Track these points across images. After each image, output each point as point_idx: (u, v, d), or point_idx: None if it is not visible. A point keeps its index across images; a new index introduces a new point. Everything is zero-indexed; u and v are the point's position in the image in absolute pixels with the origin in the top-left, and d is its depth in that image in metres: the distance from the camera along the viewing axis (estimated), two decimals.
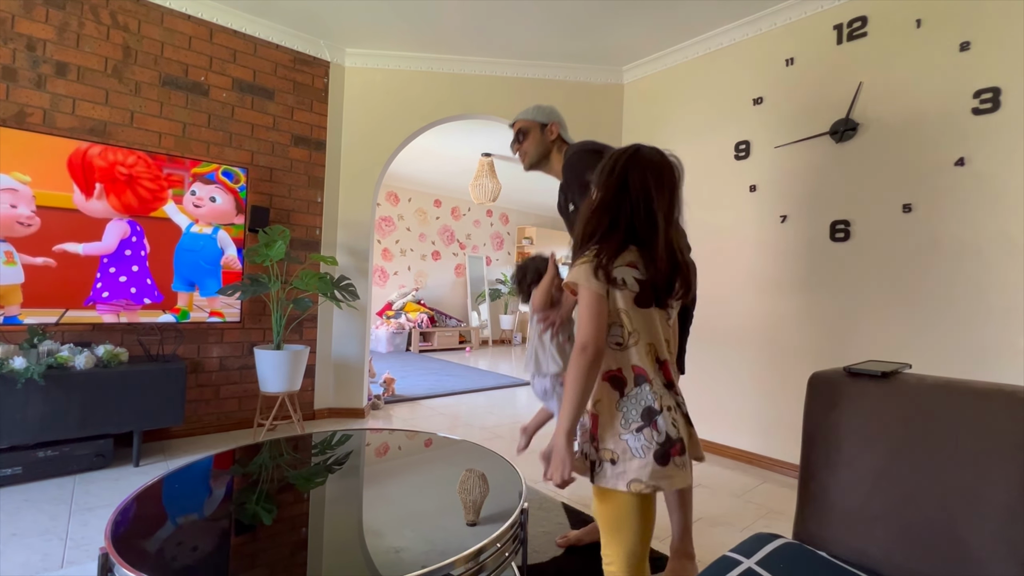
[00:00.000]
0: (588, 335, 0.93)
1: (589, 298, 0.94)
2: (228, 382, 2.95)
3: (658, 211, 0.95)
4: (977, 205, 2.06)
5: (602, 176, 1.00)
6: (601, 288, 0.94)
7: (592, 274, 0.94)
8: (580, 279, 0.95)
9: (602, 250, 0.96)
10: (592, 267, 0.94)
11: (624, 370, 0.96)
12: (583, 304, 0.95)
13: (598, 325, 0.93)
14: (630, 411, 0.94)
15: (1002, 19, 2.02)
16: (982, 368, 2.01)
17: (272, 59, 3.09)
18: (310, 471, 1.72)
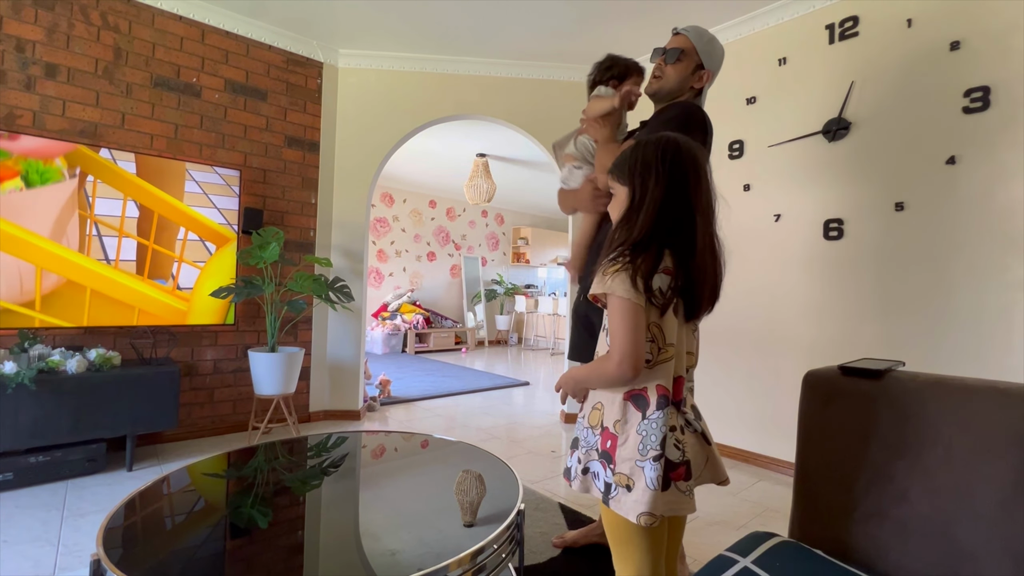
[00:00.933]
0: (626, 349, 0.84)
1: (627, 309, 0.85)
2: (222, 385, 2.93)
3: (697, 211, 0.88)
4: (968, 204, 2.08)
5: (637, 172, 0.91)
6: (641, 299, 0.85)
7: (631, 284, 0.85)
8: (617, 289, 0.85)
9: (639, 255, 0.87)
10: (630, 275, 0.85)
11: (648, 390, 0.88)
12: (619, 316, 0.85)
13: (638, 340, 0.84)
14: (650, 436, 0.86)
15: (992, 18, 2.03)
16: (976, 366, 2.02)
17: (265, 60, 3.08)
18: (305, 474, 1.71)
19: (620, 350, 0.85)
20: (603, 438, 0.91)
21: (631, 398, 0.89)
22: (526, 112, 3.47)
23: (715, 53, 1.51)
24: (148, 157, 2.56)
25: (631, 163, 0.93)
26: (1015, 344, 1.94)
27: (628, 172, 0.93)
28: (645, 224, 0.88)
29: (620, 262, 0.87)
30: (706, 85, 1.53)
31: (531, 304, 7.98)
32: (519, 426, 3.40)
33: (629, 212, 0.91)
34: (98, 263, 2.41)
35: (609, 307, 0.88)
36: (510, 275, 8.76)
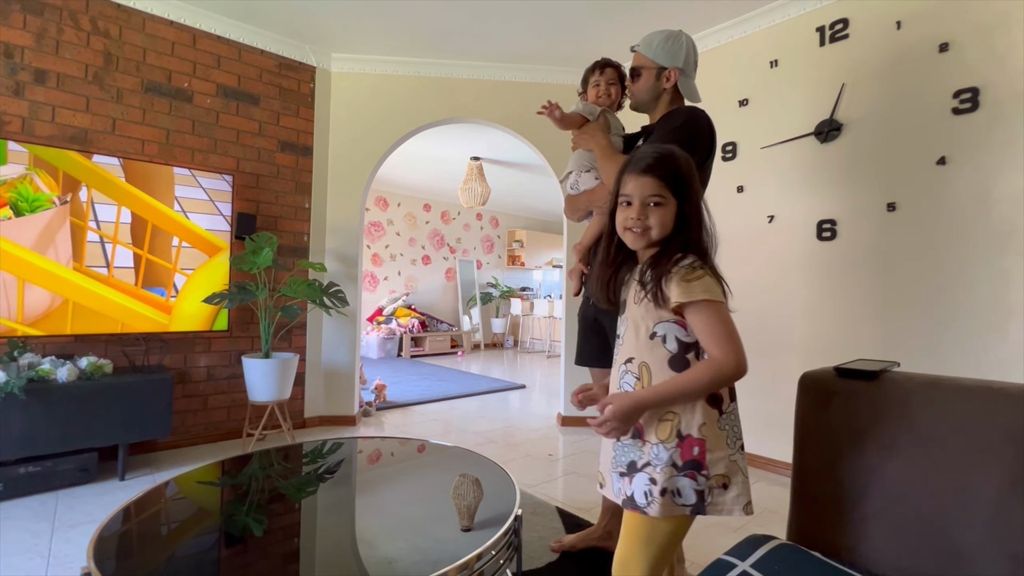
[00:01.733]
0: (739, 348, 0.87)
1: (724, 311, 0.89)
2: (216, 392, 2.91)
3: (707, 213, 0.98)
4: (959, 203, 2.09)
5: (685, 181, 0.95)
6: (725, 296, 0.90)
7: (720, 286, 0.89)
8: (710, 293, 0.87)
9: (704, 254, 0.93)
10: (715, 278, 0.89)
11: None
12: (719, 319, 0.87)
13: (738, 336, 0.88)
14: (733, 427, 0.91)
15: (980, 20, 2.06)
16: (970, 365, 2.03)
17: (257, 64, 3.07)
18: (301, 481, 1.70)
19: (735, 351, 0.87)
20: (685, 447, 0.88)
21: (710, 399, 0.90)
22: (520, 115, 3.47)
23: (672, 49, 1.52)
24: (137, 164, 2.54)
25: (675, 171, 0.95)
26: (1008, 343, 1.96)
27: (675, 181, 0.95)
28: (698, 229, 0.94)
29: (702, 268, 0.89)
30: (680, 79, 1.54)
31: (527, 307, 7.98)
32: (516, 430, 3.39)
33: (683, 219, 0.95)
34: (77, 274, 2.38)
35: (700, 313, 0.88)
36: (505, 278, 8.75)
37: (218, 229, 2.77)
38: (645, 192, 0.93)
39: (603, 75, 1.68)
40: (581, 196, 1.66)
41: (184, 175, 2.67)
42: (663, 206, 0.93)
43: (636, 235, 0.95)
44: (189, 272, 2.66)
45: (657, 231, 0.94)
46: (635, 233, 0.95)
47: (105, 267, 2.44)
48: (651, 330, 0.94)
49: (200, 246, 2.70)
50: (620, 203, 0.98)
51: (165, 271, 2.59)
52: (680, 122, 1.44)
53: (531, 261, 8.89)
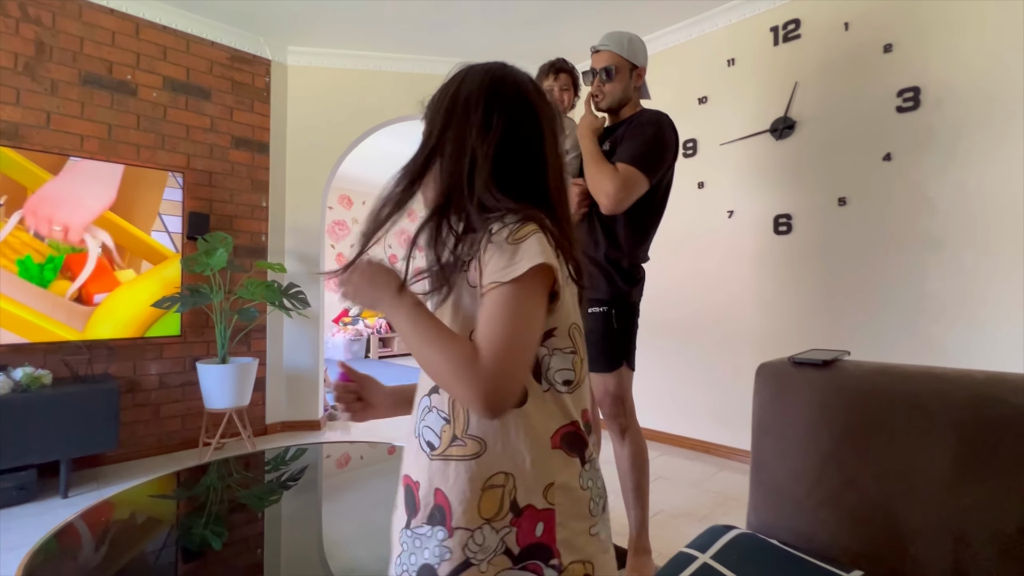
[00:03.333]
0: (513, 363, 0.52)
1: (537, 298, 0.55)
2: (169, 400, 2.77)
3: (548, 159, 0.64)
4: (903, 198, 2.19)
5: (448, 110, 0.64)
6: (564, 282, 0.58)
7: (550, 252, 0.55)
8: (537, 255, 0.53)
9: (537, 215, 0.58)
10: (545, 237, 0.56)
11: (580, 422, 0.61)
12: (517, 297, 0.53)
13: (528, 353, 0.54)
14: (596, 481, 0.61)
15: (920, 22, 2.15)
16: (915, 351, 2.14)
17: (207, 57, 2.93)
18: (262, 489, 1.63)
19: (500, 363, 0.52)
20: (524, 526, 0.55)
21: (565, 440, 0.59)
22: None
23: (638, 49, 1.57)
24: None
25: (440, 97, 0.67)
26: (948, 330, 2.06)
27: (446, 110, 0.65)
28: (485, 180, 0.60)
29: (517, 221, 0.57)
30: (644, 80, 1.62)
31: None
32: None
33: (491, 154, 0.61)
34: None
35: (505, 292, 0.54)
36: None
37: (163, 231, 2.63)
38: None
39: (557, 80, 1.68)
40: None
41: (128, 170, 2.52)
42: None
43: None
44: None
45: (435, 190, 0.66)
46: None
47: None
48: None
49: (140, 251, 2.56)
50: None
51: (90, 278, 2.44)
52: (654, 128, 1.48)
53: None
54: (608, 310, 1.52)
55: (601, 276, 1.53)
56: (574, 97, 1.72)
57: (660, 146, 1.48)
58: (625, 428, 1.56)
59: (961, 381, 0.84)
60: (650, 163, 1.46)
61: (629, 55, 1.55)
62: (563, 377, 0.60)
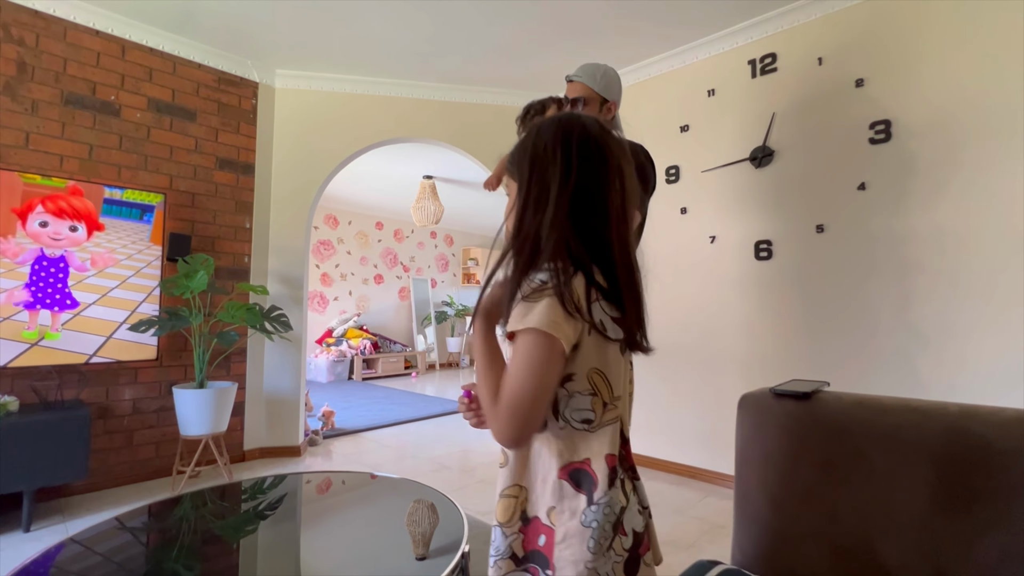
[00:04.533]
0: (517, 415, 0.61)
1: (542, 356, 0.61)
2: (143, 426, 2.68)
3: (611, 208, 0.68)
4: (878, 226, 2.26)
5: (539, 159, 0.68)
6: (569, 339, 0.62)
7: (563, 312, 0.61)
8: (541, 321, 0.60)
9: (561, 273, 0.63)
10: (559, 299, 0.61)
11: (594, 462, 0.66)
12: (526, 362, 0.61)
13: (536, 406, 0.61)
14: (604, 525, 0.64)
15: (889, 59, 2.25)
16: (891, 379, 2.17)
17: (193, 79, 2.93)
18: (238, 520, 1.57)
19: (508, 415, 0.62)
20: (530, 534, 0.67)
21: (570, 475, 0.66)
22: (470, 136, 3.48)
23: (612, 84, 1.62)
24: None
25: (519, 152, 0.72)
26: (923, 356, 2.10)
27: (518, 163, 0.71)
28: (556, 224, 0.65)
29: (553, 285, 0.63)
30: (616, 113, 1.65)
31: None
32: (472, 453, 3.32)
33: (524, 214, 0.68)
34: None
35: (517, 342, 0.63)
36: (461, 296, 8.68)
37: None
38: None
39: (562, 106, 1.71)
40: None
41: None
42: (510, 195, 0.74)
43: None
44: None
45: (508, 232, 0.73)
46: None
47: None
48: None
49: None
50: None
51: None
52: (636, 160, 1.50)
53: None
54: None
55: None
56: None
57: (643, 181, 1.52)
58: None
59: (936, 414, 0.85)
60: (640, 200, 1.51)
61: (600, 88, 1.60)
62: (581, 416, 0.67)
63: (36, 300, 2.30)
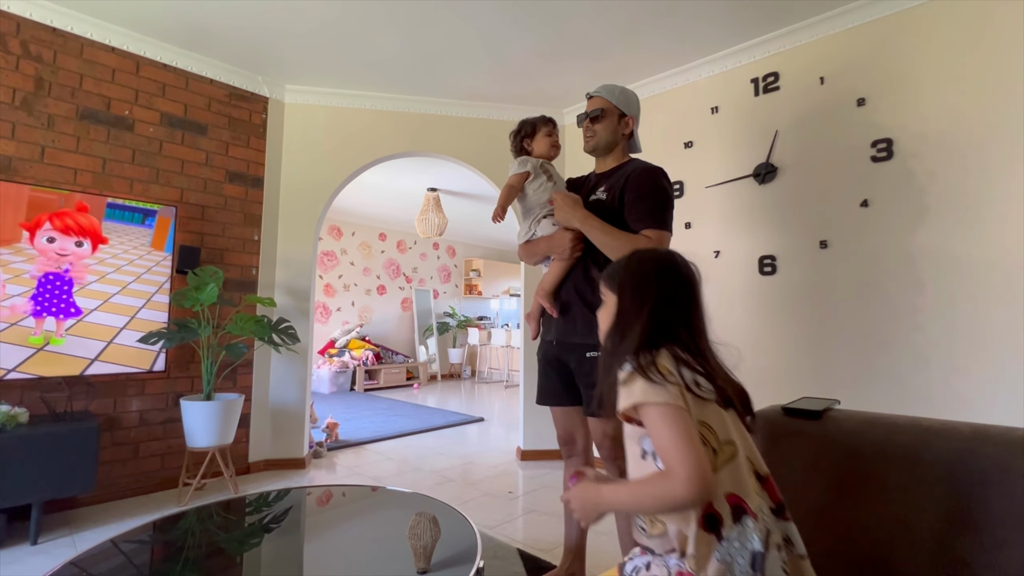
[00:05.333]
0: (690, 461, 0.69)
1: (669, 416, 0.73)
2: (150, 438, 2.68)
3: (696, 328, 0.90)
4: (880, 243, 2.28)
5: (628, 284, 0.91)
6: (676, 397, 0.75)
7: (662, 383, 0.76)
8: (649, 396, 0.75)
9: (652, 353, 0.81)
10: (654, 374, 0.77)
11: (716, 503, 0.73)
12: (665, 427, 0.73)
13: (697, 448, 0.71)
14: (736, 558, 0.71)
15: (889, 79, 2.30)
16: (898, 396, 2.18)
17: (205, 94, 2.98)
18: (242, 533, 1.58)
19: (682, 465, 0.69)
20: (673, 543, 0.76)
21: (703, 519, 0.72)
22: (476, 150, 3.53)
23: (631, 100, 1.68)
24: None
25: (623, 274, 0.93)
26: (926, 373, 2.12)
27: (619, 283, 0.93)
28: (641, 328, 0.84)
29: (636, 368, 0.78)
30: (635, 128, 1.70)
31: (484, 336, 7.94)
32: (474, 466, 3.32)
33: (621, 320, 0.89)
34: None
35: (647, 422, 0.76)
36: (463, 307, 8.71)
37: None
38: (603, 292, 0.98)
39: (556, 130, 1.79)
40: (540, 242, 1.69)
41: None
42: (605, 304, 0.96)
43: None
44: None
45: (603, 332, 0.94)
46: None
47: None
48: (640, 447, 0.85)
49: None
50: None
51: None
52: (663, 187, 1.56)
53: (488, 290, 8.90)
54: None
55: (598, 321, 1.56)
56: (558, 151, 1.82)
57: (671, 203, 1.57)
58: (624, 471, 1.55)
59: (948, 434, 0.87)
60: (670, 221, 1.55)
61: (619, 102, 1.66)
62: None
63: (43, 309, 2.32)
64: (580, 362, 1.56)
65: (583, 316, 1.57)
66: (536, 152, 1.76)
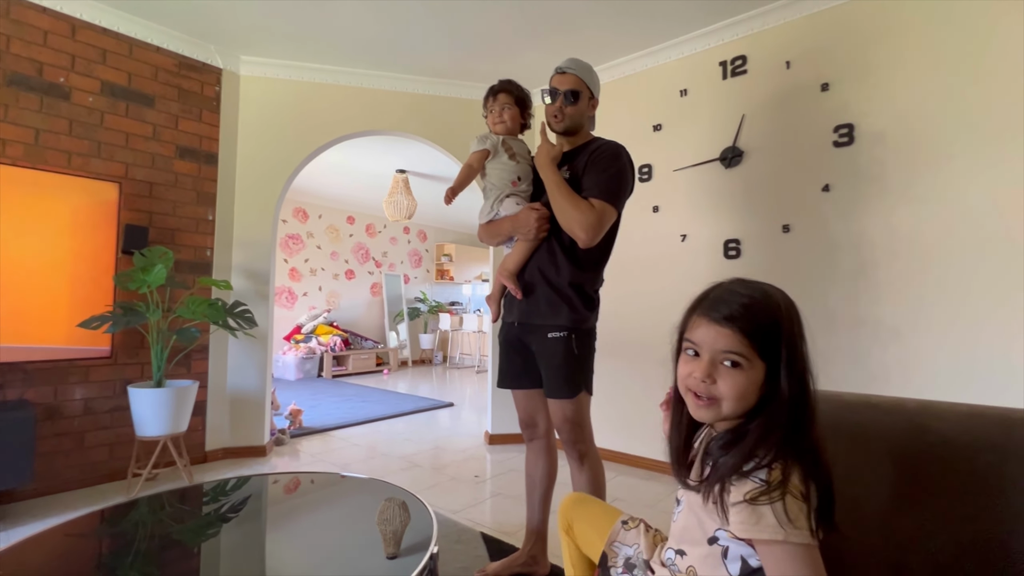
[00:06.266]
0: None
1: (807, 560, 0.60)
2: (96, 428, 2.55)
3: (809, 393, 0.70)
4: (842, 228, 2.32)
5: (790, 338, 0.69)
6: (812, 533, 0.61)
7: (808, 514, 0.61)
8: (793, 531, 0.60)
9: (801, 455, 0.65)
10: (804, 501, 0.62)
11: None
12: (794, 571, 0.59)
13: None
14: None
15: (853, 64, 2.32)
16: (857, 377, 2.24)
17: (152, 62, 2.78)
18: (199, 523, 1.51)
19: None
20: None
21: None
22: (444, 130, 3.43)
23: (597, 80, 1.64)
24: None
25: (770, 324, 0.69)
26: (884, 354, 2.18)
27: (768, 337, 0.69)
28: (794, 411, 0.66)
29: (781, 487, 0.61)
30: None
31: (456, 322, 7.88)
32: (443, 451, 3.29)
33: (774, 390, 0.68)
34: None
35: (774, 557, 0.61)
36: (434, 292, 8.60)
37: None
38: (718, 346, 0.70)
39: (496, 101, 1.68)
40: (503, 222, 1.64)
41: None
42: (742, 370, 0.68)
43: (700, 405, 0.71)
44: None
45: (729, 405, 0.69)
46: (699, 402, 0.72)
47: None
48: (710, 534, 0.70)
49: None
50: (684, 348, 0.77)
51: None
52: (619, 163, 1.52)
53: (460, 275, 8.81)
54: (568, 335, 1.51)
55: (562, 302, 1.53)
56: (522, 117, 1.72)
57: (625, 180, 1.54)
58: (584, 454, 1.54)
59: (895, 410, 0.87)
60: (620, 197, 1.52)
61: (591, 84, 1.61)
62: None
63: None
64: (542, 343, 1.54)
65: (546, 296, 1.54)
66: (490, 128, 1.70)
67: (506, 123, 1.67)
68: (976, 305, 1.99)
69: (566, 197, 1.48)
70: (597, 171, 1.51)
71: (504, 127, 1.67)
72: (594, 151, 1.56)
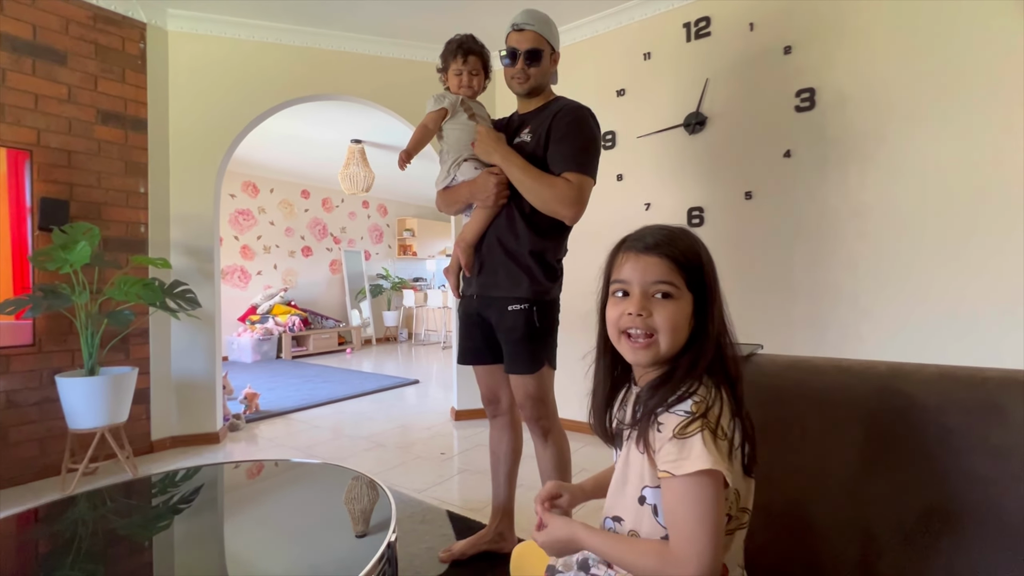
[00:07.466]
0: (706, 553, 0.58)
1: (708, 490, 0.59)
2: (21, 422, 2.34)
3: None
4: (803, 194, 2.33)
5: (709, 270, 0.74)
6: (727, 466, 0.61)
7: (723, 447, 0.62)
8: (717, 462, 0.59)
9: (709, 397, 0.65)
10: (713, 433, 0.61)
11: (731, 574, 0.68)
12: (694, 501, 0.59)
13: (718, 536, 0.59)
14: None
15: (815, 26, 2.28)
16: (821, 341, 2.29)
17: (60, 13, 2.47)
18: (146, 518, 1.39)
19: (698, 557, 0.58)
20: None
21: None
22: (399, 95, 3.24)
23: (556, 33, 1.53)
24: None
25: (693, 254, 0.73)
26: (849, 318, 2.23)
27: (693, 268, 0.72)
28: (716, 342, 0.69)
29: (703, 418, 0.62)
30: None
31: (420, 298, 7.73)
32: (408, 429, 3.22)
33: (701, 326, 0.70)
34: None
35: (671, 485, 0.61)
36: (397, 268, 8.39)
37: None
38: (648, 277, 0.69)
39: (466, 64, 1.56)
40: (460, 188, 1.54)
41: None
42: (674, 300, 0.68)
43: (637, 346, 0.69)
44: None
45: (665, 339, 0.68)
46: (635, 343, 0.69)
47: None
48: (639, 494, 0.69)
49: None
50: (612, 292, 0.75)
51: None
52: (587, 129, 1.43)
53: (423, 250, 8.61)
54: (529, 308, 1.44)
55: (522, 272, 1.45)
56: (484, 80, 1.62)
57: (596, 146, 1.47)
58: (548, 430, 1.50)
59: (865, 374, 0.84)
60: (593, 165, 1.44)
61: (551, 39, 1.50)
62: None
63: None
64: (501, 316, 1.46)
65: (505, 267, 1.46)
66: (452, 89, 1.58)
67: (473, 89, 1.56)
68: (945, 268, 2.02)
69: (536, 178, 1.40)
70: (567, 142, 1.41)
71: (470, 92, 1.56)
72: (557, 114, 1.46)
